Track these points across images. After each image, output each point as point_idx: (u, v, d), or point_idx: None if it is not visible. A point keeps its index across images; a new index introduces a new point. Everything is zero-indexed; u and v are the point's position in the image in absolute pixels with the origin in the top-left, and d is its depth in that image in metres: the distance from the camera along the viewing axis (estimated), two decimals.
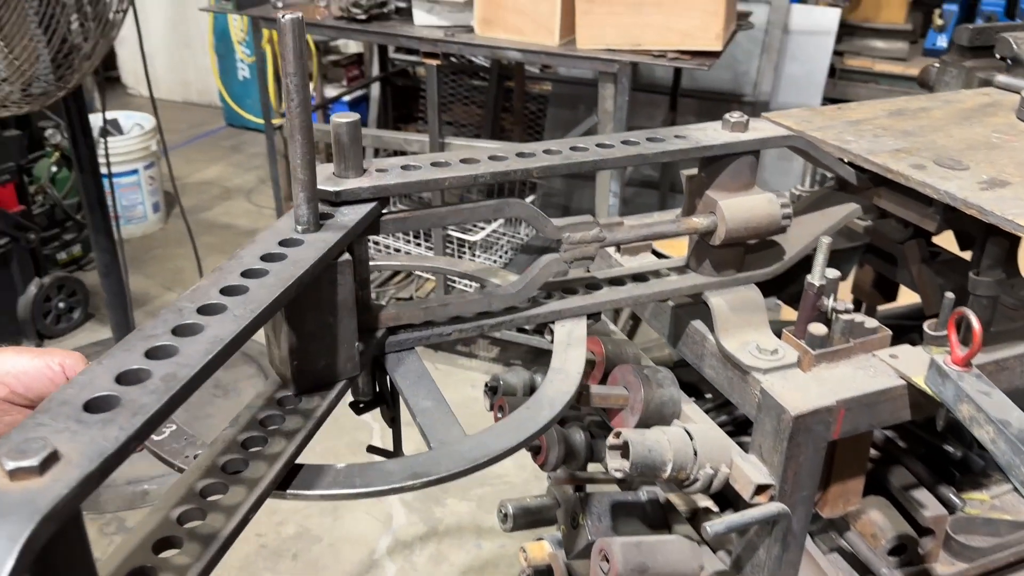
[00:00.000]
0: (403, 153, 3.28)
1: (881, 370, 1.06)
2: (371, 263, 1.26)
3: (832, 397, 1.01)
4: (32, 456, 0.47)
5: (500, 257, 3.76)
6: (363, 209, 0.86)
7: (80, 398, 0.53)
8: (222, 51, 6.38)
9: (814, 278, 1.07)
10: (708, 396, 1.52)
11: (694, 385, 1.45)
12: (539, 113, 5.10)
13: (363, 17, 2.90)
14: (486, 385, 1.28)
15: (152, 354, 0.58)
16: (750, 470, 1.04)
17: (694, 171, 1.16)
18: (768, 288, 1.24)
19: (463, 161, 0.96)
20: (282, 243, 0.77)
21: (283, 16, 0.69)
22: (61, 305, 3.87)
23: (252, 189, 5.61)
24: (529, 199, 4.01)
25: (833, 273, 1.08)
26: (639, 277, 1.16)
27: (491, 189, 4.17)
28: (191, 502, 0.67)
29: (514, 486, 2.85)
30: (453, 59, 5.09)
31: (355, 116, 0.88)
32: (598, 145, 1.04)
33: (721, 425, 1.30)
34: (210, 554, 0.61)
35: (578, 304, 1.08)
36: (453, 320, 1.02)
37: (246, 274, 0.71)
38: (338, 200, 0.87)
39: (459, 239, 3.61)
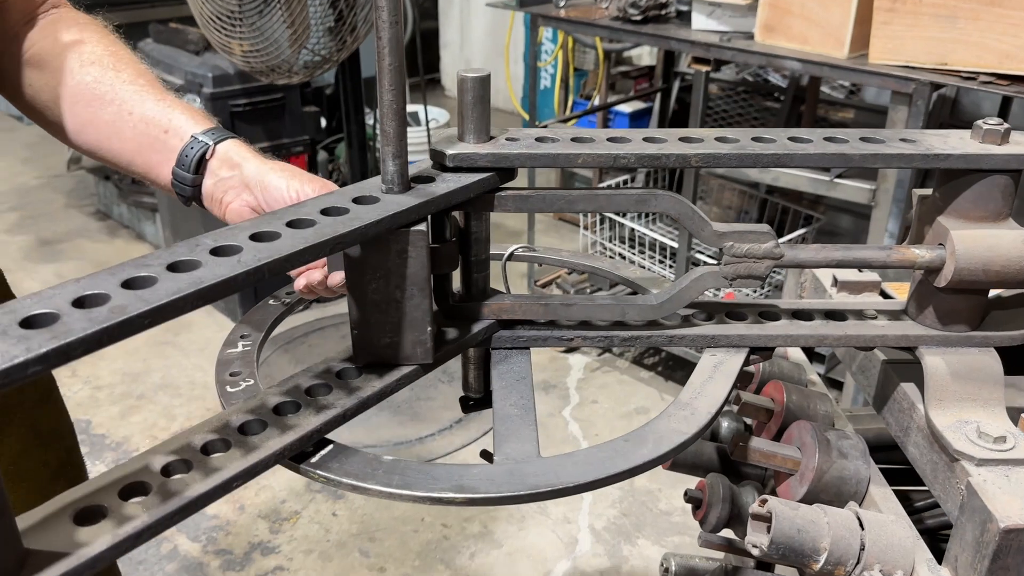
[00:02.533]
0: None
1: None
2: (531, 254, 1.15)
3: None
4: None
5: None
6: (470, 178, 0.76)
7: (24, 311, 0.49)
8: (530, 59, 6.60)
9: None
10: None
11: None
12: None
13: (638, 18, 2.79)
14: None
15: (128, 284, 0.54)
16: None
17: (929, 191, 0.91)
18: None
19: (610, 140, 0.82)
20: (356, 199, 0.69)
21: None
22: None
23: None
24: (801, 232, 3.63)
25: None
26: (834, 314, 0.93)
27: (777, 223, 3.81)
28: (185, 454, 0.61)
29: None
30: (748, 77, 4.80)
31: (485, 71, 0.78)
32: (790, 139, 0.84)
33: (939, 529, 1.02)
34: (164, 512, 0.56)
35: (739, 332, 0.88)
36: (580, 325, 0.88)
37: (292, 223, 0.64)
38: (451, 164, 0.78)
39: None
